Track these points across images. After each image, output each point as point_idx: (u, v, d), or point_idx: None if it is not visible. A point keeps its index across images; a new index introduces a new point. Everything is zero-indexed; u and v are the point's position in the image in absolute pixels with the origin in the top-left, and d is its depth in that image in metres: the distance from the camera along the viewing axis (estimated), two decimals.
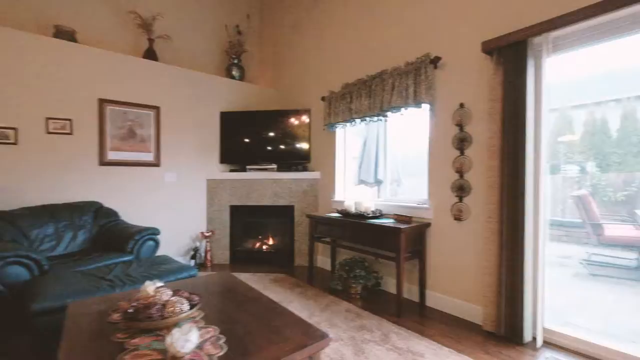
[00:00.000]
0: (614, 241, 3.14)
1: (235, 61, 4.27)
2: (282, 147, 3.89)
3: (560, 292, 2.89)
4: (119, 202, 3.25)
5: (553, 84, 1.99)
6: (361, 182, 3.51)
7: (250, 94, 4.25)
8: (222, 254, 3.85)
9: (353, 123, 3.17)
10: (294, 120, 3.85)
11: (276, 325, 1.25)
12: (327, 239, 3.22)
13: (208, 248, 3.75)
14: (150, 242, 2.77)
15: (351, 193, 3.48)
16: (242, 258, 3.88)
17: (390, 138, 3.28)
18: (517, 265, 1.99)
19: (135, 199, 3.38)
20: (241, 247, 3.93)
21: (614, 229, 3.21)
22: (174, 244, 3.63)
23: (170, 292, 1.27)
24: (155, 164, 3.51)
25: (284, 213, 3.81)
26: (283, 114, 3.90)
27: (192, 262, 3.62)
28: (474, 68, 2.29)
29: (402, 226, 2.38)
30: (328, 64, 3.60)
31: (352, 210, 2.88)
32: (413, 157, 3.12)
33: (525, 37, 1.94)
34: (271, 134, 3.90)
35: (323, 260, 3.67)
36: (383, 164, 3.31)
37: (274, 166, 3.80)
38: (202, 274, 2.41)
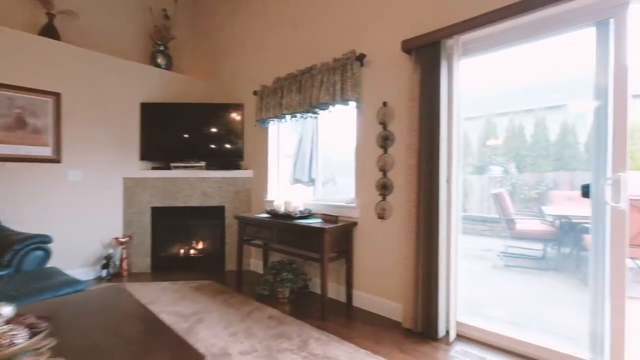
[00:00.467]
0: (523, 234, 3.45)
1: (161, 48, 3.87)
2: (212, 143, 3.61)
3: (478, 284, 3.08)
4: (2, 204, 2.71)
5: (477, 92, 2.06)
6: (296, 181, 3.40)
7: (178, 85, 3.88)
8: (143, 261, 3.45)
9: (284, 119, 3.03)
10: (226, 115, 3.59)
11: (146, 350, 1.05)
12: (258, 242, 3.05)
13: (124, 255, 3.32)
14: (39, 253, 2.33)
15: (285, 192, 3.34)
16: (166, 265, 3.51)
17: (323, 136, 3.21)
18: (432, 261, 2.02)
19: (26, 200, 2.85)
20: (165, 253, 3.56)
21: (524, 224, 3.53)
22: (79, 253, 3.14)
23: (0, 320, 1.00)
24: (55, 159, 3.00)
25: (214, 214, 3.53)
26: (214, 108, 3.62)
27: (104, 273, 3.17)
28: (396, 67, 2.29)
29: (327, 226, 2.30)
30: (261, 57, 3.41)
31: (281, 210, 2.75)
32: (347, 156, 3.10)
33: (438, 38, 1.98)
34: (200, 129, 3.59)
35: (257, 264, 3.48)
36: (316, 163, 3.23)
37: (202, 164, 3.50)
38: (104, 285, 2.08)
